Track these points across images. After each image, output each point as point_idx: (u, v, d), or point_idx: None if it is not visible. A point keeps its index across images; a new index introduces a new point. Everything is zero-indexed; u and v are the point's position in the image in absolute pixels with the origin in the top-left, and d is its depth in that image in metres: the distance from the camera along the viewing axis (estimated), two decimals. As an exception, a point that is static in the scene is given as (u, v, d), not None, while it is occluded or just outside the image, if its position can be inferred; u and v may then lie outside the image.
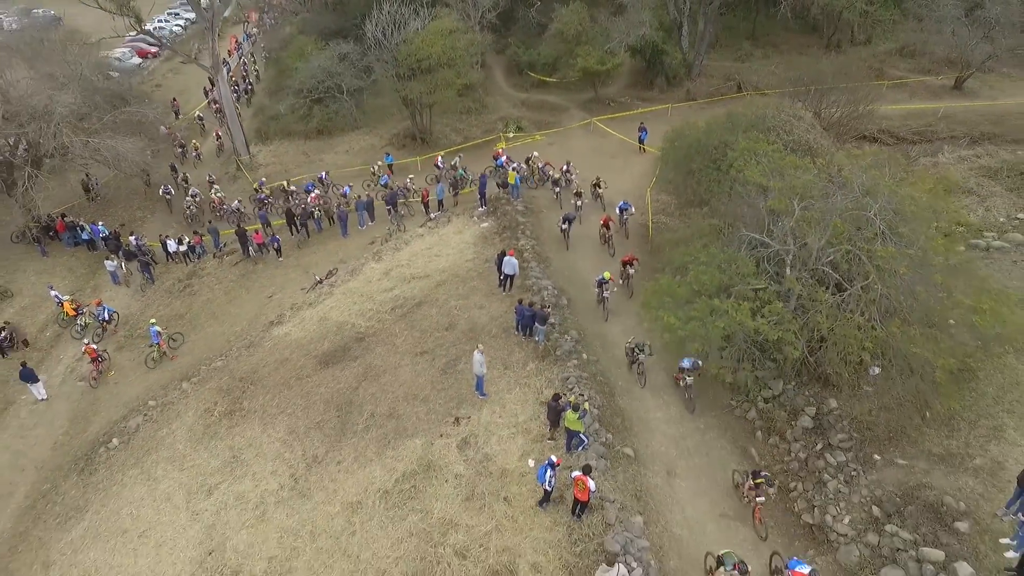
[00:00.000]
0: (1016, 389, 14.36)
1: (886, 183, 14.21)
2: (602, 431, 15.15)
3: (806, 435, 14.84)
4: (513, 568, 12.66)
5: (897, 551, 11.83)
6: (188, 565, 15.35)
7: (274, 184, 33.35)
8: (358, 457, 16.62)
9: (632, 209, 24.17)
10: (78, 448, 20.47)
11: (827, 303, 12.94)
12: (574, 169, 28.80)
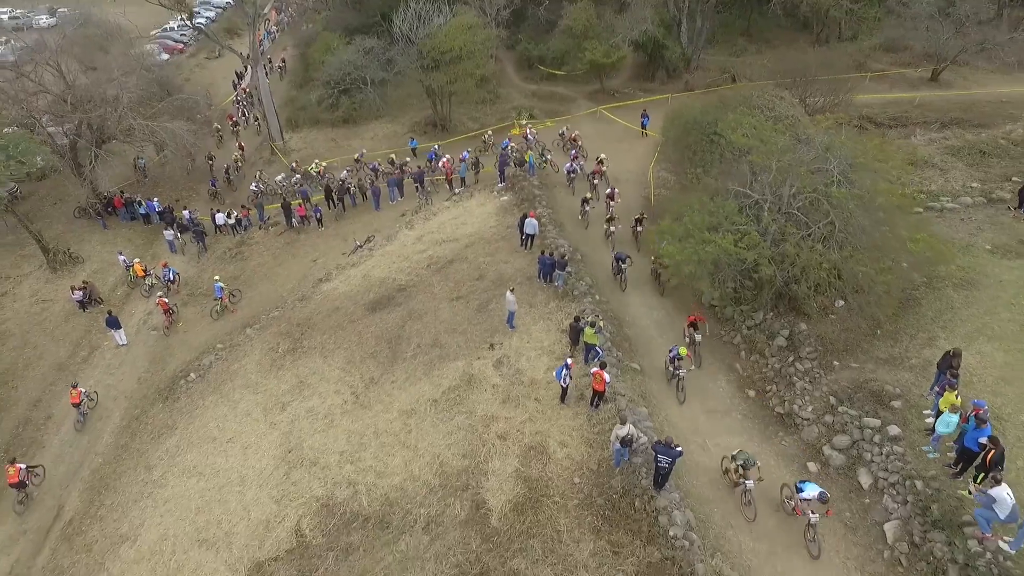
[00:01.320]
0: (949, 311, 17.66)
1: (841, 140, 17.52)
2: (613, 349, 18.49)
3: (780, 351, 18.15)
4: (544, 445, 15.99)
5: (845, 424, 15.14)
6: (272, 460, 18.66)
7: (311, 165, 36.54)
8: (409, 377, 19.94)
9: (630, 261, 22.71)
10: (160, 382, 23.85)
11: (795, 236, 16.23)
12: (582, 152, 32.14)
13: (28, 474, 19.49)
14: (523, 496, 14.73)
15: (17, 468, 18.99)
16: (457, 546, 14.21)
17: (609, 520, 13.70)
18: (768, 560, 13.18)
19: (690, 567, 12.18)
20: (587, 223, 26.65)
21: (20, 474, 19.02)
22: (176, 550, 16.95)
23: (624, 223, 25.20)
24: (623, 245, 24.42)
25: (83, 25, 51.78)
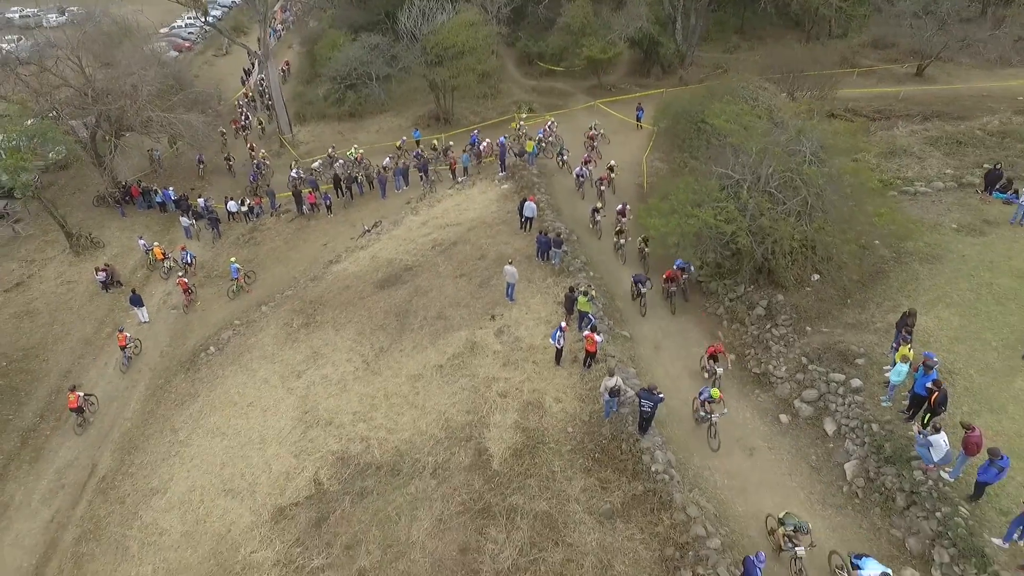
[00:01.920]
0: (914, 282, 19.19)
1: (813, 123, 19.06)
2: (605, 317, 20.04)
3: (759, 320, 19.69)
4: (541, 401, 17.54)
5: (814, 380, 16.68)
6: (290, 421, 20.22)
7: (351, 150, 37.71)
8: (416, 346, 21.49)
9: (691, 268, 21.26)
10: (182, 355, 25.42)
11: (771, 211, 17.76)
12: (556, 130, 33.96)
13: (85, 401, 22.17)
14: (521, 444, 16.29)
15: (76, 395, 21.70)
16: (462, 487, 15.76)
17: (598, 461, 15.26)
18: (739, 497, 14.73)
19: (669, 497, 13.74)
20: (599, 232, 25.81)
21: (79, 400, 21.74)
22: (204, 499, 18.50)
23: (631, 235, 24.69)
24: (632, 263, 23.95)
25: (96, 22, 53.45)
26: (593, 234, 26.06)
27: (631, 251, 24.12)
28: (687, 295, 21.20)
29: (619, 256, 24.34)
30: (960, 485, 13.02)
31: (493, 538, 14.26)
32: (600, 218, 25.68)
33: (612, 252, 24.95)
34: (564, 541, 13.69)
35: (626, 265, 23.87)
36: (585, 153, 31.41)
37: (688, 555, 12.57)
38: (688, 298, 21.29)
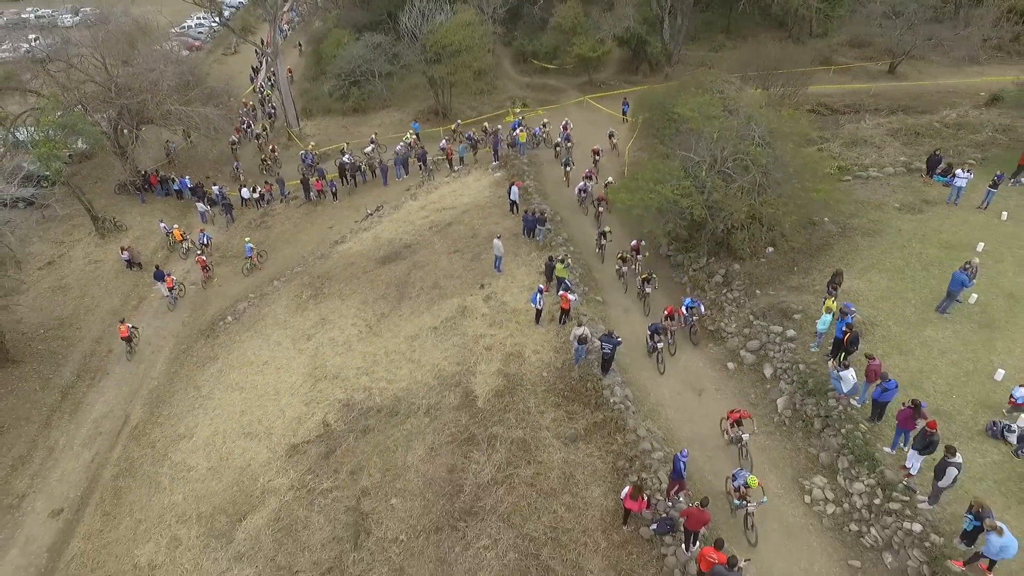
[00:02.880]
0: (854, 252, 21.63)
1: (762, 111, 21.52)
2: (581, 285, 22.58)
3: (717, 286, 22.18)
4: (521, 352, 20.07)
5: (757, 333, 19.17)
6: (301, 376, 22.79)
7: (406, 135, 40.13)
8: (413, 311, 24.05)
9: (702, 308, 20.51)
10: (202, 324, 28.02)
11: (723, 188, 20.26)
12: (570, 132, 36.07)
13: (133, 331, 26.18)
14: (503, 386, 18.83)
15: (126, 326, 25.71)
16: (451, 422, 18.31)
17: (567, 398, 17.80)
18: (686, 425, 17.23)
19: (624, 422, 16.26)
20: (603, 257, 25.08)
21: (128, 330, 25.74)
22: (226, 441, 21.08)
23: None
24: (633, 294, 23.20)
25: (116, 22, 56.12)
26: (596, 258, 25.63)
27: (632, 283, 23.14)
28: (695, 337, 20.15)
29: (621, 284, 23.49)
30: (864, 409, 15.51)
31: (476, 460, 16.80)
32: (606, 242, 24.84)
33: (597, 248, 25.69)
34: (535, 460, 16.21)
35: (627, 294, 23.46)
36: (587, 168, 30.90)
37: (635, 464, 15.08)
38: (697, 341, 20.17)
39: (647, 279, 21.64)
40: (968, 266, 17.87)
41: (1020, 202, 23.99)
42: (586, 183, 29.22)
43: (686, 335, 20.19)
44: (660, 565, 13.19)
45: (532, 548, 14.20)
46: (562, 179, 31.77)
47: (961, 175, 23.72)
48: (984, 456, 14.10)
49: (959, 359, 16.73)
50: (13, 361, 25.72)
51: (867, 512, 13.61)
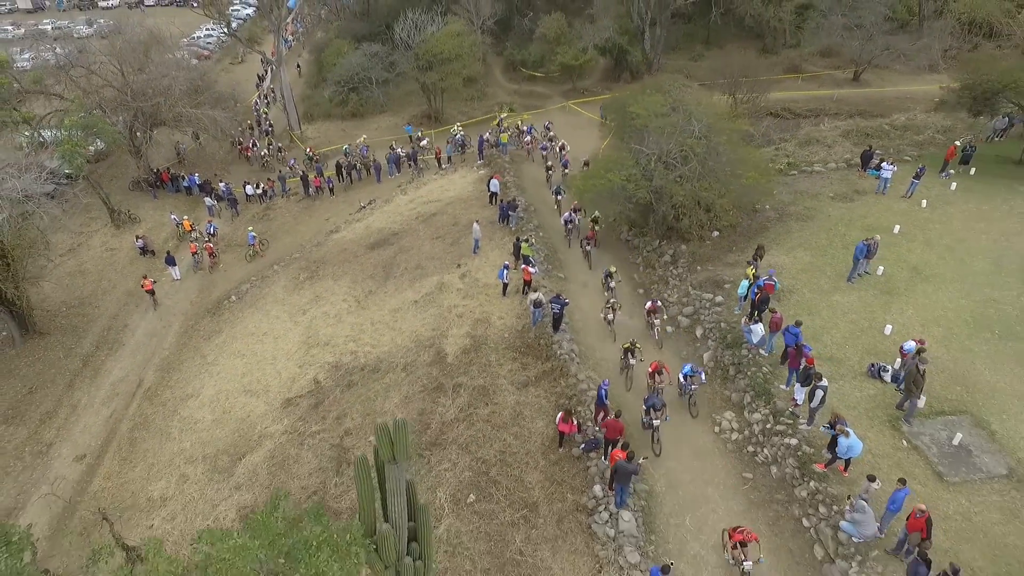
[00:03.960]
0: (786, 234, 24.38)
1: (701, 108, 24.37)
2: (546, 263, 25.39)
3: (665, 264, 24.94)
4: (487, 319, 22.86)
5: (693, 301, 21.90)
6: (296, 344, 25.61)
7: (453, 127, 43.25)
8: (397, 288, 26.88)
9: (703, 376, 18.02)
10: (208, 303, 30.91)
11: (665, 175, 23.11)
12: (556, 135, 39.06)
13: (156, 285, 30.80)
14: (470, 345, 21.61)
15: (149, 281, 30.32)
16: (423, 376, 21.07)
17: (523, 352, 20.57)
18: (636, 400, 19.92)
19: (568, 369, 19.03)
20: (614, 335, 21.14)
21: (152, 284, 30.24)
22: (228, 398, 23.89)
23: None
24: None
25: (131, 32, 59.46)
26: (563, 243, 27.53)
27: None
28: (695, 409, 17.79)
29: (626, 380, 19.30)
30: (771, 357, 18.24)
31: (442, 403, 19.56)
32: (613, 284, 22.77)
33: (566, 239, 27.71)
34: (492, 401, 18.95)
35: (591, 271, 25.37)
36: (576, 201, 28.55)
37: (573, 401, 17.81)
38: (696, 413, 17.79)
39: (630, 348, 18.88)
40: (870, 240, 20.64)
41: (940, 192, 26.76)
42: (571, 215, 27.64)
43: (684, 405, 17.82)
44: (585, 474, 15.88)
45: (484, 468, 16.91)
46: (544, 181, 33.89)
47: (887, 167, 26.54)
48: (861, 391, 16.81)
49: (857, 318, 19.46)
50: (40, 333, 28.67)
51: (761, 436, 16.30)
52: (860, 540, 13.01)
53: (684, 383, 17.48)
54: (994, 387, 16.67)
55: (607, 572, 13.58)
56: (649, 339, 20.98)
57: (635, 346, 18.80)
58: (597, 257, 26.26)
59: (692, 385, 17.49)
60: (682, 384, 17.55)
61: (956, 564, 11.19)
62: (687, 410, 17.86)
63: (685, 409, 17.89)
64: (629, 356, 18.78)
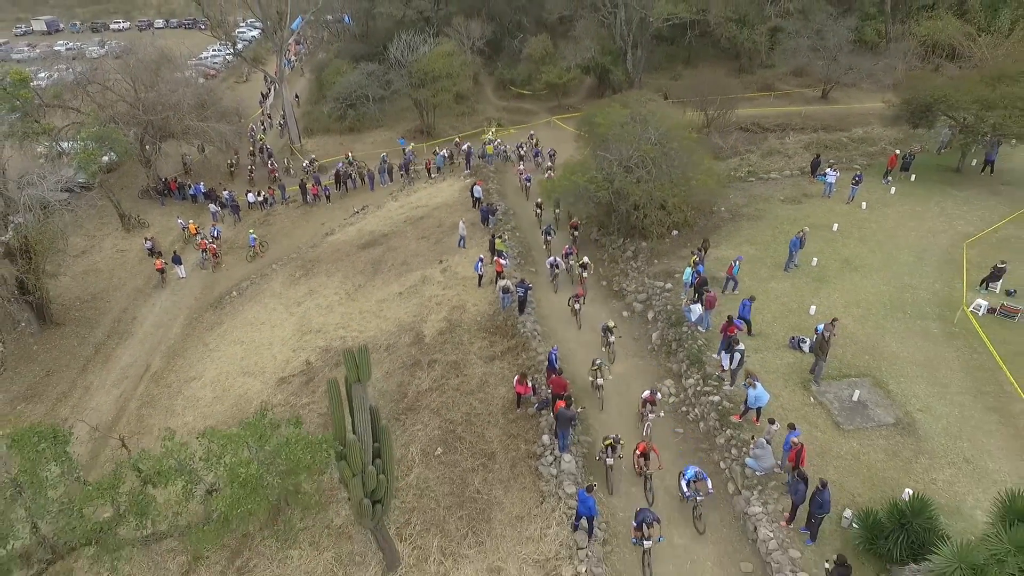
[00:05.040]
0: (737, 232, 26.91)
1: (657, 118, 27.09)
2: (519, 259, 27.89)
3: (627, 260, 27.39)
4: (463, 305, 25.29)
5: (647, 289, 24.33)
6: (291, 332, 28.02)
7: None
8: (384, 282, 29.36)
9: (710, 483, 15.05)
10: (211, 298, 33.40)
11: (623, 177, 25.71)
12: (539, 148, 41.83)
13: (166, 265, 34.45)
14: (445, 328, 24.01)
15: (160, 261, 34.12)
16: (404, 354, 23.44)
17: (492, 332, 22.97)
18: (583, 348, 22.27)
19: (529, 344, 21.41)
20: (601, 402, 19.16)
21: (163, 264, 34.01)
22: (228, 379, 26.24)
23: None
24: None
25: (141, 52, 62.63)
26: (517, 190, 30.86)
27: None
28: (701, 524, 15.04)
29: (606, 482, 16.49)
30: (708, 334, 20.63)
31: (419, 376, 21.91)
32: (614, 339, 21.06)
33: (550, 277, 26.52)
34: (462, 373, 21.30)
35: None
36: (567, 245, 27.48)
37: (531, 370, 20.17)
38: (703, 528, 15.01)
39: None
40: (801, 233, 23.15)
41: (881, 196, 29.36)
42: (556, 258, 25.94)
43: (688, 518, 15.08)
44: (537, 428, 18.19)
45: (451, 427, 19.21)
46: (549, 283, 26.53)
47: (830, 173, 29.16)
48: (782, 359, 19.18)
49: (788, 301, 21.89)
50: (56, 323, 31.15)
51: (693, 397, 18.64)
52: (761, 473, 15.31)
53: (687, 491, 14.79)
54: (897, 356, 19.05)
55: (548, 502, 15.85)
56: (635, 431, 17.88)
57: (617, 442, 15.92)
58: (588, 309, 24.03)
59: (698, 494, 14.67)
60: (684, 492, 14.96)
61: (824, 479, 13.45)
62: (691, 523, 14.93)
63: (688, 522, 15.01)
64: (609, 452, 15.90)
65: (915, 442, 16.12)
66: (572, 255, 26.54)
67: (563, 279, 26.39)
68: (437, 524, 16.28)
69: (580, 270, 25.35)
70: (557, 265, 25.92)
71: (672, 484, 16.05)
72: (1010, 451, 15.81)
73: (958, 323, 20.30)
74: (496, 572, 14.69)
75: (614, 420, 18.64)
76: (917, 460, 15.66)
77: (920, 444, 16.07)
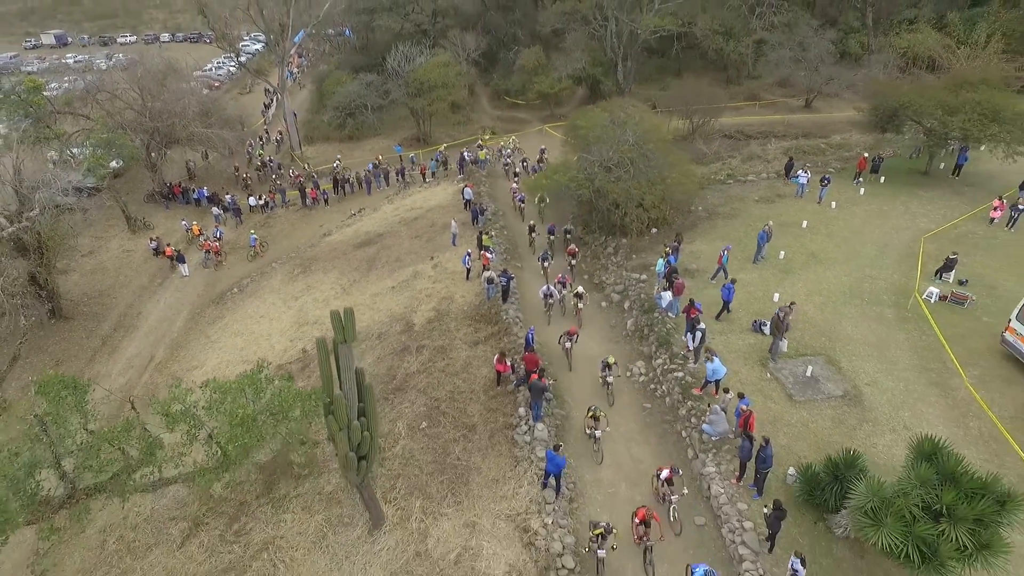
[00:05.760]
0: (712, 229, 28.42)
1: (634, 121, 28.71)
2: (506, 255, 29.38)
3: (608, 255, 28.88)
4: (451, 297, 26.74)
5: (624, 280, 25.77)
6: (289, 324, 29.46)
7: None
8: (378, 278, 30.84)
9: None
10: (213, 295, 34.88)
11: (603, 177, 27.28)
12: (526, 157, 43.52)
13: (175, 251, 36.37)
14: (434, 316, 25.45)
15: (171, 248, 36.41)
16: (394, 341, 24.86)
17: (477, 320, 24.39)
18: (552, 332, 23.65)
19: (510, 329, 22.82)
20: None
21: (172, 251, 36.39)
22: (228, 367, 27.58)
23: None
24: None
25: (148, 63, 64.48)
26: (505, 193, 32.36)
27: None
28: None
29: (590, 446, 17.91)
30: (678, 319, 22.05)
31: (407, 360, 23.31)
32: (612, 379, 19.80)
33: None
34: (448, 356, 22.71)
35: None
36: (560, 274, 25.43)
37: (511, 352, 21.56)
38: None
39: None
40: (767, 226, 24.64)
41: (851, 196, 30.89)
42: (551, 287, 24.11)
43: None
44: (514, 403, 19.56)
45: (436, 404, 20.58)
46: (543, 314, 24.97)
47: (802, 175, 30.71)
48: (744, 341, 20.60)
49: (754, 290, 23.32)
50: (65, 317, 32.63)
51: (661, 375, 20.03)
52: (716, 437, 16.67)
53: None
54: (852, 338, 20.45)
55: (522, 465, 17.21)
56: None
57: (609, 531, 14.39)
58: (581, 342, 22.05)
59: None
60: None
61: (767, 437, 14.81)
62: None
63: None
64: (600, 542, 14.24)
65: (860, 411, 17.50)
66: (568, 284, 24.62)
67: (556, 309, 24.54)
68: (420, 488, 17.62)
69: (576, 300, 23.42)
70: (551, 294, 23.93)
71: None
72: (947, 419, 17.18)
73: (911, 309, 21.71)
74: (471, 526, 16.03)
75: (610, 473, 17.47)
76: (861, 427, 17.03)
77: (865, 413, 17.44)
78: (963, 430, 16.79)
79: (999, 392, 17.94)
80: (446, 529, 16.17)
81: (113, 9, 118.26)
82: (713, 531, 15.25)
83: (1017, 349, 18.59)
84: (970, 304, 21.67)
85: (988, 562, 11.02)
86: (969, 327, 20.71)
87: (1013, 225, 26.61)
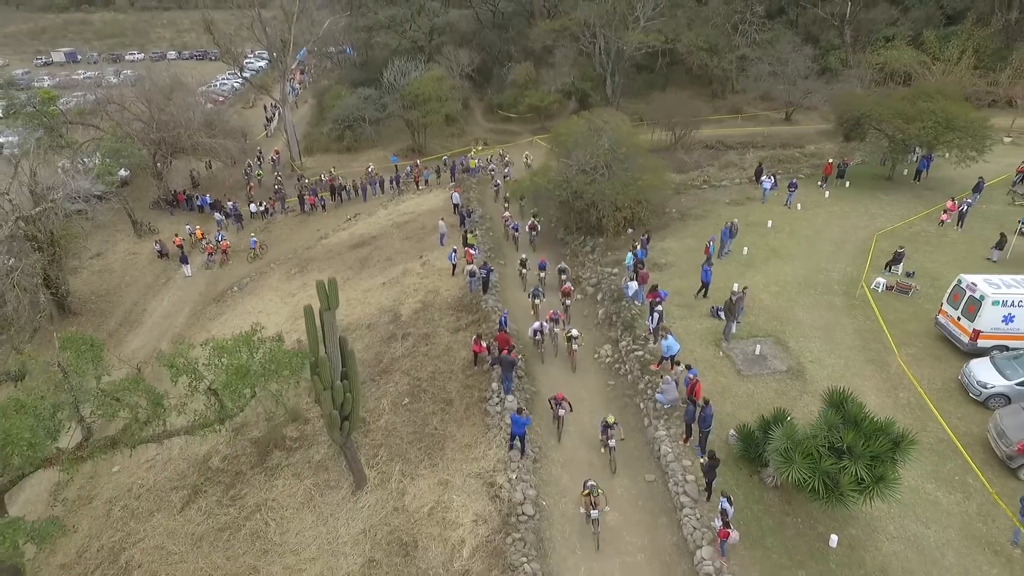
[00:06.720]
0: (683, 228, 30.29)
1: (612, 127, 30.79)
2: (490, 252, 31.23)
3: (586, 253, 30.70)
4: (437, 290, 28.54)
5: (598, 274, 27.56)
6: (285, 318, 31.21)
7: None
8: (370, 275, 32.67)
9: None
10: (215, 293, 36.71)
11: (580, 179, 29.21)
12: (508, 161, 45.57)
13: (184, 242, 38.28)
14: (420, 307, 27.24)
15: (179, 239, 39.33)
16: (382, 330, 26.61)
17: (459, 310, 26.18)
18: (540, 329, 25.38)
19: (488, 317, 24.59)
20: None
21: (180, 241, 38.86)
22: (228, 357, 29.34)
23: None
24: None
25: (155, 78, 66.77)
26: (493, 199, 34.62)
27: None
28: None
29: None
30: (643, 307, 23.79)
31: (393, 347, 25.05)
32: (612, 444, 17.40)
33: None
34: (431, 342, 24.46)
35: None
36: (553, 311, 23.56)
37: (488, 337, 23.31)
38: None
39: None
40: (730, 223, 26.50)
41: (816, 199, 32.86)
42: (544, 323, 22.52)
43: None
44: (488, 380, 21.27)
45: (417, 383, 22.29)
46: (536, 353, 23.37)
47: (766, 180, 32.63)
48: (702, 325, 22.36)
49: (716, 281, 24.93)
50: (74, 313, 34.47)
51: (624, 356, 21.75)
52: (668, 406, 18.35)
53: None
54: (801, 322, 22.20)
55: (491, 432, 18.88)
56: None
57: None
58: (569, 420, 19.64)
59: None
60: None
61: (707, 398, 16.51)
62: None
63: None
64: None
65: (802, 384, 19.19)
66: (560, 321, 23.20)
67: (549, 348, 22.93)
68: (400, 455, 19.30)
69: (569, 343, 21.82)
70: (542, 331, 22.32)
71: (598, 420, 18.99)
72: (880, 391, 18.86)
73: (859, 297, 23.47)
74: (444, 484, 17.68)
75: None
76: (801, 398, 18.70)
77: (806, 386, 19.13)
78: (893, 399, 18.46)
79: (929, 368, 19.64)
80: (421, 487, 17.82)
81: (122, 28, 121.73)
82: (661, 486, 16.86)
83: (947, 330, 20.32)
84: (914, 293, 23.42)
85: (883, 493, 12.65)
86: (910, 313, 22.44)
87: (961, 223, 28.44)
